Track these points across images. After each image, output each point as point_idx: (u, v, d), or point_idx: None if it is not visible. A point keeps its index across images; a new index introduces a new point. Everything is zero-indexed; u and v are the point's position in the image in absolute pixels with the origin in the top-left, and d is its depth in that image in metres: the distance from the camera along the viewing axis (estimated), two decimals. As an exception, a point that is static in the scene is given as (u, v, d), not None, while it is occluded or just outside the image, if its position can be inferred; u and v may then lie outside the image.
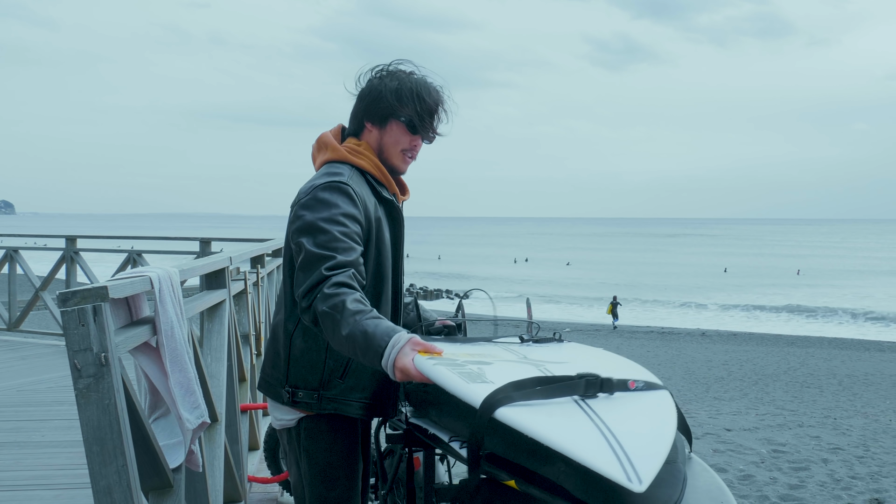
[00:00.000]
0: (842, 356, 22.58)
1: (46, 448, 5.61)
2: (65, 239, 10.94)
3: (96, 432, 2.23)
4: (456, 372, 2.15)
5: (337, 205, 2.54)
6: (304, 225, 2.53)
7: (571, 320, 36.18)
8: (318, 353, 2.66)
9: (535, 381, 2.02)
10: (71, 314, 2.19)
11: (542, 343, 2.90)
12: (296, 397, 2.68)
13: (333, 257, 2.44)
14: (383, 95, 2.70)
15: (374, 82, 2.74)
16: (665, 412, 2.00)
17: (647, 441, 1.78)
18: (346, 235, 2.51)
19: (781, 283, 58.72)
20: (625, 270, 70.13)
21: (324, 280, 2.40)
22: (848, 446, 9.35)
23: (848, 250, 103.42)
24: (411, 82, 2.72)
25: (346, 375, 2.67)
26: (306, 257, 2.47)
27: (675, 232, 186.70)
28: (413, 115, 2.71)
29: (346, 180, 2.60)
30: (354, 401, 2.69)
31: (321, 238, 2.48)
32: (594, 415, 1.89)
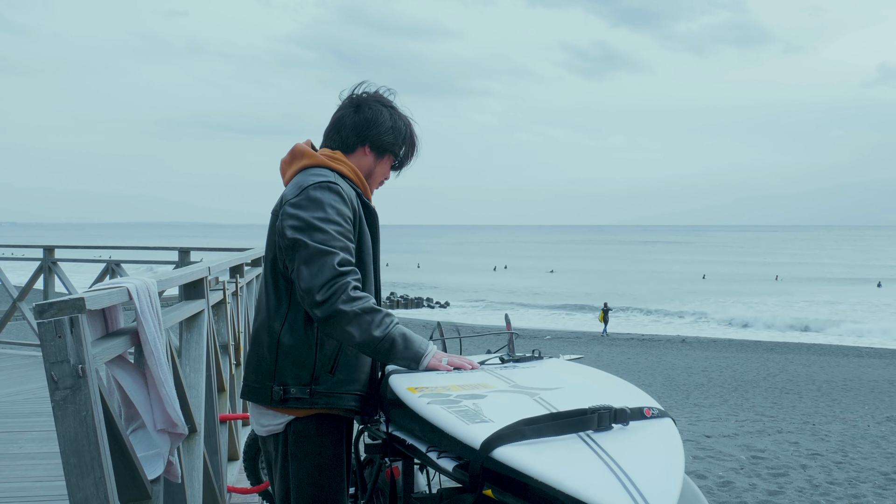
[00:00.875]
0: (820, 362, 22.75)
1: (24, 460, 5.56)
2: (42, 249, 10.86)
3: (73, 444, 2.22)
4: (452, 411, 2.13)
5: (330, 204, 2.62)
6: (301, 223, 2.59)
7: (552, 328, 36.24)
8: (307, 349, 2.70)
9: (546, 418, 1.95)
10: (48, 326, 2.18)
11: (524, 363, 2.91)
12: (287, 394, 2.70)
13: (337, 254, 2.55)
14: (394, 133, 2.88)
15: (385, 115, 2.88)
16: (672, 444, 1.94)
17: (659, 479, 1.72)
18: (342, 234, 2.61)
19: (760, 289, 59.10)
20: (603, 278, 70.35)
21: (339, 277, 2.53)
22: (826, 452, 9.42)
23: (825, 256, 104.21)
24: (411, 130, 2.95)
25: (336, 370, 2.71)
26: (309, 254, 2.55)
27: (654, 239, 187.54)
28: (404, 157, 2.96)
29: (336, 180, 2.69)
30: (346, 393, 2.73)
31: (320, 236, 2.56)
32: (601, 451, 1.84)
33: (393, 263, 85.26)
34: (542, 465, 1.77)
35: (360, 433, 3.42)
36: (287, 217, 2.64)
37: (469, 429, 1.99)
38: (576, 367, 2.90)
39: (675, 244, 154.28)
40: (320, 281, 2.53)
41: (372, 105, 2.87)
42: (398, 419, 2.61)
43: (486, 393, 2.36)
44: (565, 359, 3.20)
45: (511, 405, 2.21)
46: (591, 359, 21.24)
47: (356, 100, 2.89)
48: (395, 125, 2.88)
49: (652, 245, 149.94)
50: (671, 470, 1.78)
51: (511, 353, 3.12)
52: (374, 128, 2.84)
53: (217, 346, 5.01)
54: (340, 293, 2.53)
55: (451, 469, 2.21)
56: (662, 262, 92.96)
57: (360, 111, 2.86)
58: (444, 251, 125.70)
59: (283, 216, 2.66)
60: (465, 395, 2.32)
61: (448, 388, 2.42)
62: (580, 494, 1.66)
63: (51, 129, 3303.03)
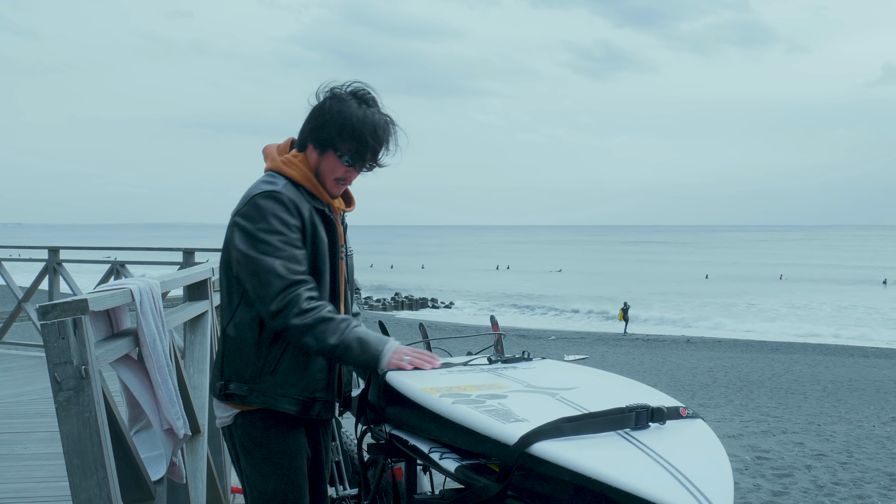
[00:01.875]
0: (826, 362, 22.70)
1: (29, 461, 5.58)
2: (47, 250, 10.88)
3: (76, 445, 2.23)
4: (482, 410, 2.12)
5: (273, 213, 2.64)
6: (245, 234, 2.65)
7: (556, 328, 36.22)
8: (249, 348, 2.73)
9: (584, 416, 1.94)
10: (51, 327, 2.19)
11: (513, 363, 2.91)
12: (227, 390, 2.75)
13: (284, 264, 2.60)
14: (327, 125, 2.73)
15: (324, 107, 2.76)
16: (713, 443, 1.92)
17: (713, 476, 1.70)
18: (287, 242, 2.63)
19: (764, 289, 59.04)
20: (607, 278, 70.32)
21: (289, 289, 2.59)
22: (831, 452, 9.40)
23: (829, 256, 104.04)
24: (356, 119, 2.72)
25: (276, 372, 2.73)
26: (256, 266, 2.61)
27: (658, 239, 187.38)
28: (350, 152, 2.75)
29: (281, 189, 2.70)
30: (284, 396, 2.74)
31: (265, 247, 2.61)
32: (647, 448, 1.82)
33: (397, 265, 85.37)
34: (590, 461, 1.75)
35: (363, 434, 3.42)
36: (234, 227, 2.69)
37: (507, 428, 1.97)
38: (576, 367, 2.90)
39: (679, 244, 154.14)
40: (271, 293, 2.59)
41: (323, 101, 2.79)
42: (407, 419, 2.60)
43: (506, 393, 2.35)
44: (569, 359, 3.20)
45: (537, 405, 2.20)
46: (595, 359, 21.23)
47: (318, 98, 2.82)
48: (333, 118, 2.73)
49: (656, 245, 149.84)
50: (721, 467, 1.77)
51: (500, 354, 3.12)
52: (314, 121, 2.77)
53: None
54: (292, 306, 2.58)
55: (453, 470, 2.21)
56: (666, 262, 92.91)
57: (313, 108, 2.81)
58: (448, 252, 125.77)
59: (231, 226, 2.71)
60: (485, 395, 2.31)
61: (464, 388, 2.42)
62: (637, 490, 1.64)
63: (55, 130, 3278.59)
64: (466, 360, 3.04)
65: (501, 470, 1.93)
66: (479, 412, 2.10)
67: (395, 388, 2.70)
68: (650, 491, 1.62)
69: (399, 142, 2.84)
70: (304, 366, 2.77)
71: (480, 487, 2.05)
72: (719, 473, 1.72)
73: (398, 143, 2.83)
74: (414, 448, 2.50)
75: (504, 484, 1.94)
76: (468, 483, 2.17)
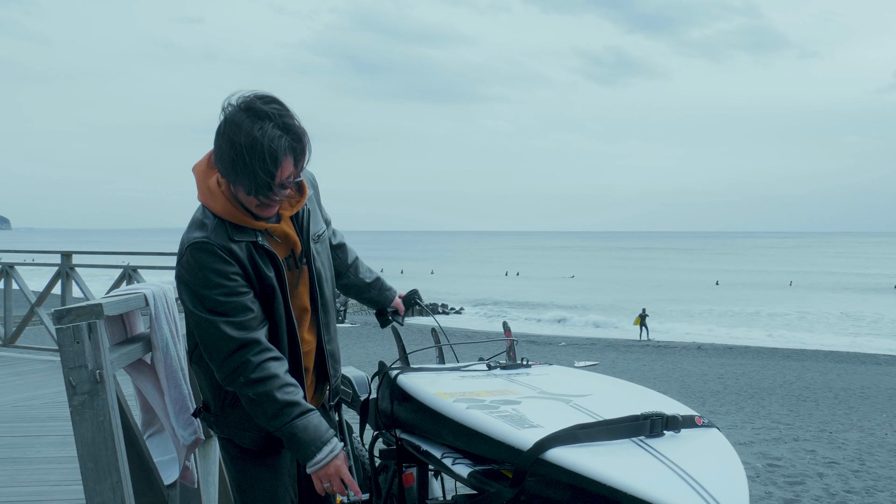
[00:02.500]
0: (838, 369, 22.60)
1: (41, 464, 5.60)
2: (60, 255, 10.94)
3: (91, 449, 2.24)
4: (497, 416, 2.12)
5: (208, 266, 2.43)
6: (187, 289, 2.47)
7: (567, 335, 36.16)
8: (211, 380, 2.63)
9: (599, 423, 1.94)
10: (66, 331, 2.20)
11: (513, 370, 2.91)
12: (200, 415, 2.77)
13: (228, 322, 2.43)
14: (221, 163, 2.42)
15: (219, 139, 2.41)
16: (728, 453, 1.91)
17: (728, 486, 1.69)
18: (229, 293, 2.44)
19: (774, 295, 58.83)
20: (617, 284, 70.19)
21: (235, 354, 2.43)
22: (844, 460, 9.36)
23: (840, 263, 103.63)
24: (247, 149, 2.34)
25: (237, 406, 2.61)
26: (202, 326, 2.45)
27: (668, 245, 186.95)
28: (251, 187, 2.40)
29: (210, 237, 2.46)
30: (245, 430, 2.64)
31: (207, 303, 2.44)
32: (662, 456, 1.82)
33: (407, 271, 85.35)
34: (605, 468, 1.75)
35: (375, 439, 3.43)
36: (178, 279, 2.51)
37: (521, 433, 1.98)
38: (588, 374, 2.90)
39: (688, 250, 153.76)
40: (219, 357, 2.45)
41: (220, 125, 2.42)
42: (419, 424, 2.60)
43: (520, 399, 2.35)
44: (579, 365, 3.20)
45: (551, 411, 2.20)
46: (605, 366, 21.17)
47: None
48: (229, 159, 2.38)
49: (665, 251, 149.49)
50: (736, 477, 1.76)
51: (511, 360, 3.13)
52: (216, 151, 2.44)
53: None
54: (239, 374, 2.44)
55: (465, 475, 2.21)
56: (676, 269, 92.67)
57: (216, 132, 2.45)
58: (457, 257, 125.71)
59: (176, 273, 2.54)
60: (499, 400, 2.32)
61: (477, 393, 2.43)
62: (652, 498, 1.64)
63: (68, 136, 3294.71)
64: (465, 364, 3.04)
65: (515, 475, 1.94)
66: (493, 417, 2.10)
67: (406, 392, 2.71)
68: (665, 499, 1.62)
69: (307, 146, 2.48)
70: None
71: (493, 492, 2.05)
72: (734, 483, 1.72)
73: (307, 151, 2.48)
74: (426, 453, 2.51)
75: (517, 490, 1.94)
76: (480, 488, 2.17)
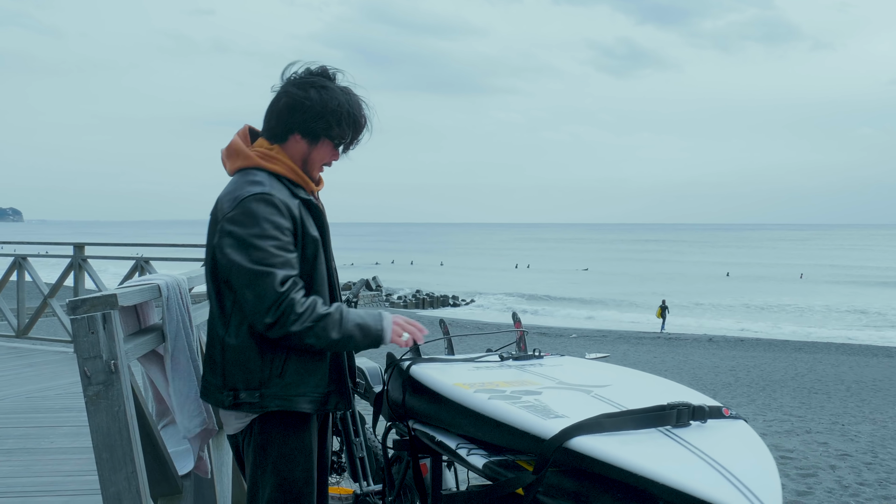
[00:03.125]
0: (850, 362, 22.51)
1: (55, 454, 5.63)
2: (73, 246, 10.97)
3: (106, 439, 2.25)
4: (520, 406, 2.11)
5: (266, 218, 2.56)
6: (237, 242, 2.55)
7: (578, 326, 36.12)
8: (253, 353, 2.65)
9: (625, 412, 1.92)
10: (81, 322, 2.20)
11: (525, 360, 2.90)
12: (238, 399, 2.67)
13: (277, 273, 2.53)
14: (322, 115, 2.69)
15: (311, 95, 2.70)
16: (757, 443, 1.89)
17: (761, 476, 1.66)
18: (280, 248, 2.56)
19: (785, 287, 58.62)
20: (628, 277, 70.07)
21: (283, 298, 2.52)
22: (856, 452, 9.32)
23: (852, 256, 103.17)
24: (349, 104, 2.73)
25: (285, 374, 2.67)
26: (250, 277, 2.53)
27: (680, 238, 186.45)
28: (346, 136, 2.75)
29: (269, 190, 2.61)
30: (298, 396, 2.69)
31: (257, 255, 2.53)
32: (690, 445, 1.79)
33: (417, 262, 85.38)
34: (636, 457, 1.73)
35: (388, 430, 3.43)
36: (224, 234, 2.59)
37: (548, 423, 1.96)
38: (605, 365, 2.89)
39: (700, 242, 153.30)
40: (265, 305, 2.52)
41: (299, 89, 2.71)
42: (435, 415, 2.59)
43: (540, 390, 2.34)
44: (590, 357, 3.19)
45: (574, 401, 2.19)
46: (616, 358, 21.14)
47: (283, 85, 2.76)
48: (325, 107, 2.69)
49: (676, 243, 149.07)
50: (767, 467, 1.74)
51: (522, 351, 3.12)
52: (299, 114, 2.70)
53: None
54: (288, 314, 2.53)
55: (481, 466, 2.21)
56: (687, 261, 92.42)
57: (285, 97, 2.73)
58: (467, 249, 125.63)
59: (220, 232, 2.61)
60: (519, 391, 2.30)
61: (496, 384, 2.41)
62: (687, 488, 1.61)
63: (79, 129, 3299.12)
64: (477, 356, 3.04)
65: (538, 463, 1.92)
66: (517, 408, 2.09)
67: (421, 384, 2.70)
68: (700, 489, 1.60)
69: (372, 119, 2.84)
70: (311, 363, 2.71)
71: (509, 480, 2.04)
72: (766, 473, 1.69)
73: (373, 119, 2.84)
74: (441, 444, 2.50)
75: (538, 476, 1.93)
76: (495, 479, 2.17)
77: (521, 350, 3.19)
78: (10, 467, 5.32)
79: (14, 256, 11.31)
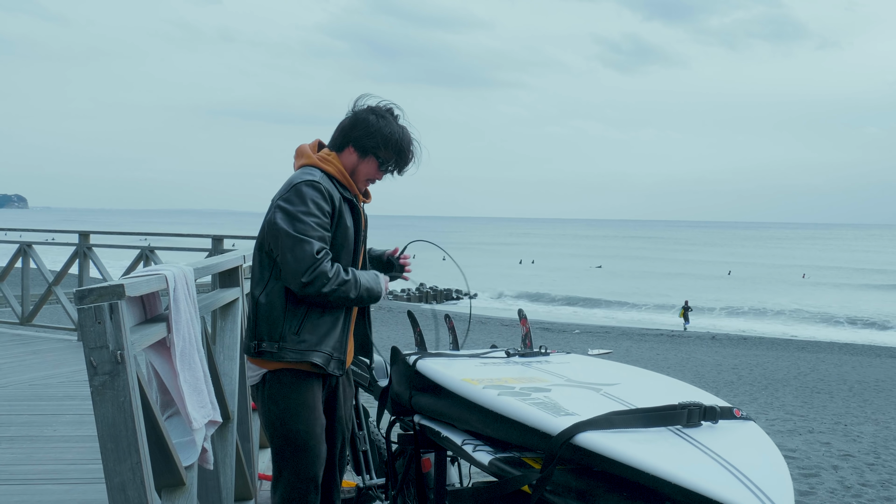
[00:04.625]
0: (852, 362, 22.48)
1: (58, 443, 5.63)
2: (78, 234, 10.96)
3: (111, 429, 2.24)
4: (530, 403, 2.10)
5: (312, 199, 3.18)
6: (286, 215, 3.18)
7: (581, 322, 36.11)
8: (278, 311, 3.24)
9: (634, 410, 1.92)
10: (87, 312, 2.20)
11: (532, 357, 2.89)
12: (260, 348, 3.26)
13: (314, 243, 3.13)
14: (373, 135, 3.33)
15: (370, 119, 3.35)
16: (768, 445, 1.87)
17: (772, 477, 1.65)
18: (319, 225, 3.18)
19: (786, 287, 58.52)
20: (629, 273, 70.01)
21: (317, 263, 3.11)
22: (859, 453, 9.31)
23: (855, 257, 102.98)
24: (400, 136, 3.37)
25: (301, 332, 3.24)
26: (292, 242, 3.13)
27: (682, 235, 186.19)
28: (389, 160, 3.39)
29: (319, 179, 3.25)
30: (310, 350, 3.24)
31: (300, 227, 3.15)
32: (701, 445, 1.78)
33: (419, 256, 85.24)
34: (647, 455, 1.71)
35: (391, 425, 3.42)
36: (277, 209, 3.22)
37: (558, 420, 1.95)
38: (612, 364, 2.87)
39: (702, 240, 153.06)
40: (303, 267, 3.11)
41: (362, 112, 3.37)
42: (441, 410, 2.58)
43: (549, 387, 2.33)
44: (592, 353, 3.18)
45: (583, 399, 2.18)
46: (619, 354, 21.12)
47: (353, 109, 3.41)
48: (379, 130, 3.32)
49: (679, 241, 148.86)
50: (779, 469, 1.73)
51: (528, 348, 3.11)
52: (357, 130, 3.34)
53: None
54: (321, 277, 3.13)
55: (486, 463, 2.20)
56: (689, 259, 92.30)
57: (352, 117, 3.38)
58: (471, 244, 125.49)
59: (274, 209, 3.24)
60: (529, 388, 2.29)
61: (505, 380, 2.41)
62: (698, 488, 1.60)
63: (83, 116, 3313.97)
64: (483, 352, 3.03)
65: (546, 460, 1.91)
66: (527, 405, 2.08)
67: (427, 378, 2.69)
68: (713, 489, 1.58)
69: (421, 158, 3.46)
70: (321, 328, 3.27)
71: (516, 477, 2.03)
72: (778, 475, 1.69)
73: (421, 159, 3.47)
74: (446, 439, 2.50)
75: (546, 471, 1.91)
76: (500, 476, 2.16)
77: (526, 347, 3.17)
78: (13, 455, 5.32)
79: (19, 243, 11.31)
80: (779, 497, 1.58)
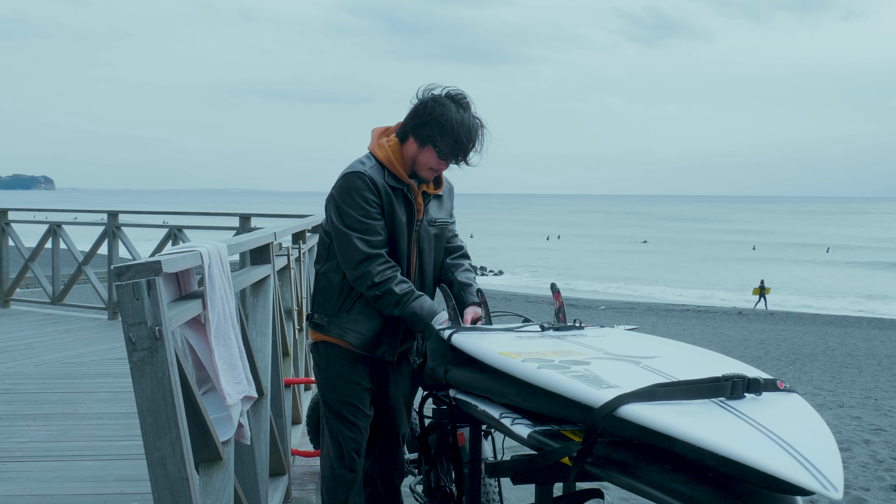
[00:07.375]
0: (881, 336, 22.30)
1: (92, 420, 5.70)
2: (107, 214, 11.04)
3: (151, 405, 2.25)
4: (571, 376, 2.09)
5: (358, 191, 3.25)
6: (335, 206, 3.31)
7: (606, 298, 36.03)
8: (334, 289, 3.42)
9: (678, 382, 1.91)
10: (126, 288, 2.20)
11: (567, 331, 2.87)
12: (314, 318, 3.49)
13: (361, 236, 3.23)
14: (430, 124, 3.26)
15: (428, 107, 3.28)
16: (814, 417, 1.85)
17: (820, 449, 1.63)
18: (367, 216, 3.25)
19: (812, 262, 58.05)
20: (653, 248, 69.70)
21: (364, 263, 3.24)
22: (890, 427, 9.25)
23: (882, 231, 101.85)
24: (459, 125, 3.24)
25: (352, 311, 3.40)
26: (338, 234, 3.29)
27: (708, 209, 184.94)
28: (448, 149, 3.28)
29: (366, 170, 3.29)
30: (354, 331, 3.39)
31: (347, 220, 3.26)
32: (746, 417, 1.77)
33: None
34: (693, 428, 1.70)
35: (424, 399, 3.43)
36: (329, 199, 3.36)
37: (601, 393, 1.93)
38: (650, 337, 2.85)
39: (728, 214, 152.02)
40: (350, 263, 3.28)
41: (423, 101, 3.31)
42: (477, 384, 2.57)
43: (588, 360, 2.31)
44: (621, 329, 3.16)
45: (624, 372, 2.16)
46: (646, 330, 20.98)
47: (418, 97, 3.35)
48: (435, 119, 3.23)
49: (705, 215, 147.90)
50: (827, 441, 1.70)
51: (561, 322, 3.09)
52: (415, 119, 3.30)
53: (282, 310, 5.05)
54: (365, 279, 3.25)
55: (525, 436, 2.19)
56: (715, 232, 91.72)
57: (414, 106, 3.33)
58: (496, 220, 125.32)
59: (328, 197, 3.37)
60: (568, 360, 2.28)
61: (543, 353, 2.39)
62: (747, 459, 1.58)
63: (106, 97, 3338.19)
64: (516, 326, 3.01)
65: (587, 432, 1.90)
66: (568, 377, 2.07)
67: (463, 352, 2.68)
68: (761, 460, 1.56)
69: (486, 143, 3.34)
70: (375, 311, 3.38)
71: (557, 449, 2.03)
72: (826, 446, 1.66)
73: (485, 144, 3.34)
74: (483, 413, 2.49)
75: (587, 443, 1.90)
76: (539, 449, 2.15)
77: (560, 321, 3.16)
78: (49, 432, 5.40)
79: (49, 224, 11.41)
80: (827, 468, 1.55)
